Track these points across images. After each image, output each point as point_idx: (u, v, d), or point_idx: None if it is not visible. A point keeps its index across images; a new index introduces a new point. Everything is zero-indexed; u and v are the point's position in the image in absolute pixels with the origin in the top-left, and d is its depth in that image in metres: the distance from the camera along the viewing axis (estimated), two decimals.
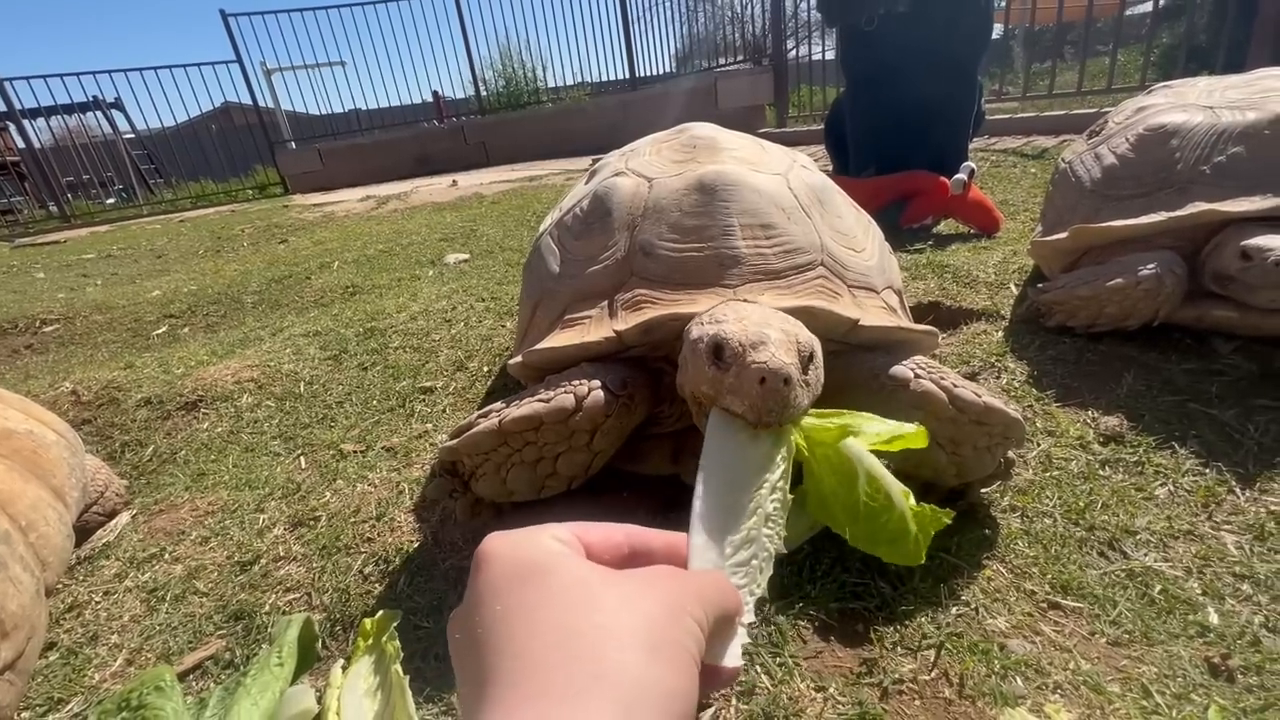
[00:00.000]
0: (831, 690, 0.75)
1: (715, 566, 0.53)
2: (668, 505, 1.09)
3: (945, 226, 2.69)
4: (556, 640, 0.31)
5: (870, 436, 0.69)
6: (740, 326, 0.74)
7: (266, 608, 1.02)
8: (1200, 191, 1.32)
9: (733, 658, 0.41)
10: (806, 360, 0.73)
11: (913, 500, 0.72)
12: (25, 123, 9.07)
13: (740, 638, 0.43)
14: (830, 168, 3.31)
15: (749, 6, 9.18)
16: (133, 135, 11.56)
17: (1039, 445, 1.19)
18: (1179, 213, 1.32)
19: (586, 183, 1.25)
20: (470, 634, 0.34)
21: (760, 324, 0.75)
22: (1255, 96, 1.39)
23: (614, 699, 0.29)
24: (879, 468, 0.72)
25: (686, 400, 0.85)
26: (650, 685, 0.31)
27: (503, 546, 0.37)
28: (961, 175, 2.43)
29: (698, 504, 0.56)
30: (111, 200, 10.72)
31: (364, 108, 10.29)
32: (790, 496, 0.61)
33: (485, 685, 0.31)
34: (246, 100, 9.23)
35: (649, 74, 9.83)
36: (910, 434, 0.70)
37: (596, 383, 0.89)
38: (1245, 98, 1.40)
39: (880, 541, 0.72)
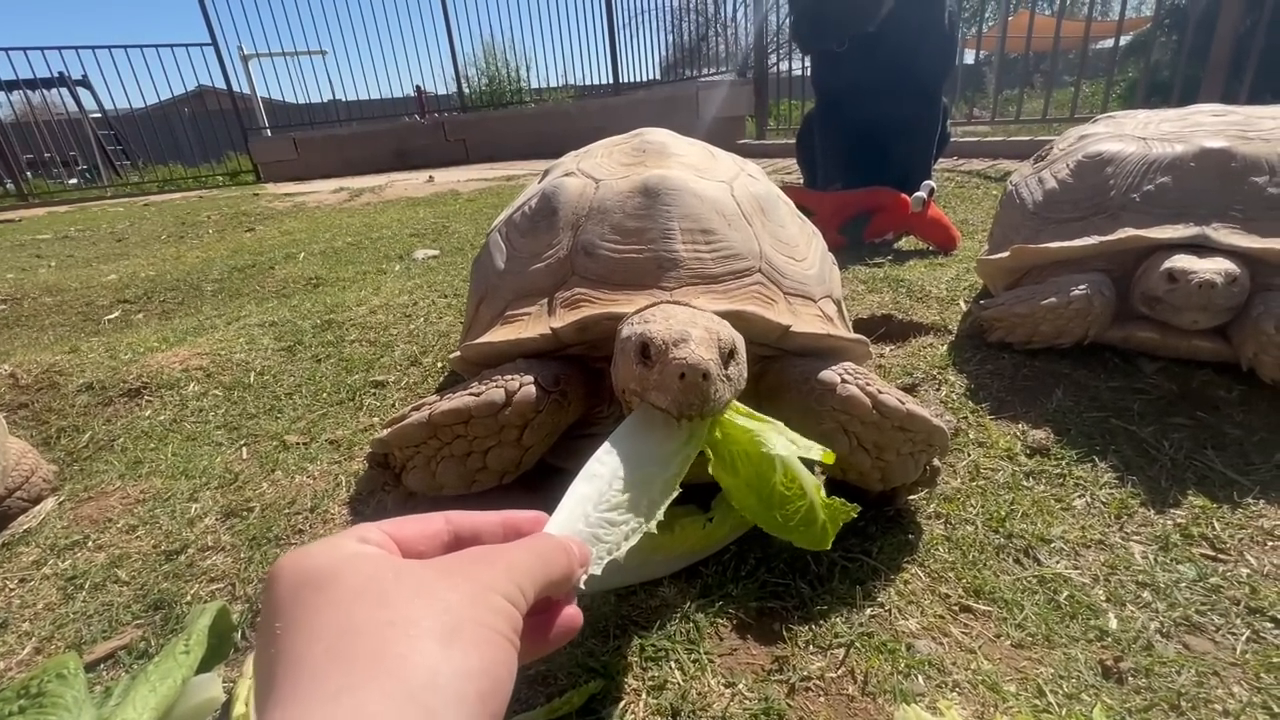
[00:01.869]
0: (741, 686, 0.76)
1: (571, 528, 0.56)
2: None
3: (906, 243, 2.75)
4: (334, 642, 0.30)
5: (780, 445, 0.72)
6: (665, 326, 0.76)
7: (188, 598, 1.00)
8: (1130, 218, 1.39)
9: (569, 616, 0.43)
10: (727, 356, 0.75)
11: (824, 493, 0.75)
12: None
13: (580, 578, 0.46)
14: (801, 180, 3.38)
15: (733, 20, 9.31)
16: (100, 115, 11.23)
17: (969, 455, 1.23)
18: (1109, 237, 1.38)
19: (539, 181, 1.26)
20: (258, 658, 0.33)
21: (685, 323, 0.77)
22: (1185, 130, 1.46)
23: (394, 689, 0.29)
24: (795, 463, 0.74)
25: (620, 399, 0.86)
26: (442, 669, 0.30)
27: (290, 561, 0.36)
28: (921, 194, 2.50)
29: (587, 465, 0.61)
30: (74, 180, 10.38)
31: (344, 99, 10.16)
32: (679, 490, 0.64)
33: (264, 702, 0.30)
34: (221, 85, 9.04)
35: (632, 80, 9.89)
36: (818, 453, 0.73)
37: (529, 378, 0.90)
38: (1176, 131, 1.47)
39: (791, 528, 0.75)
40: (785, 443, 0.73)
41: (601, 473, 0.62)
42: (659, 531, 0.87)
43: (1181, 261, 1.28)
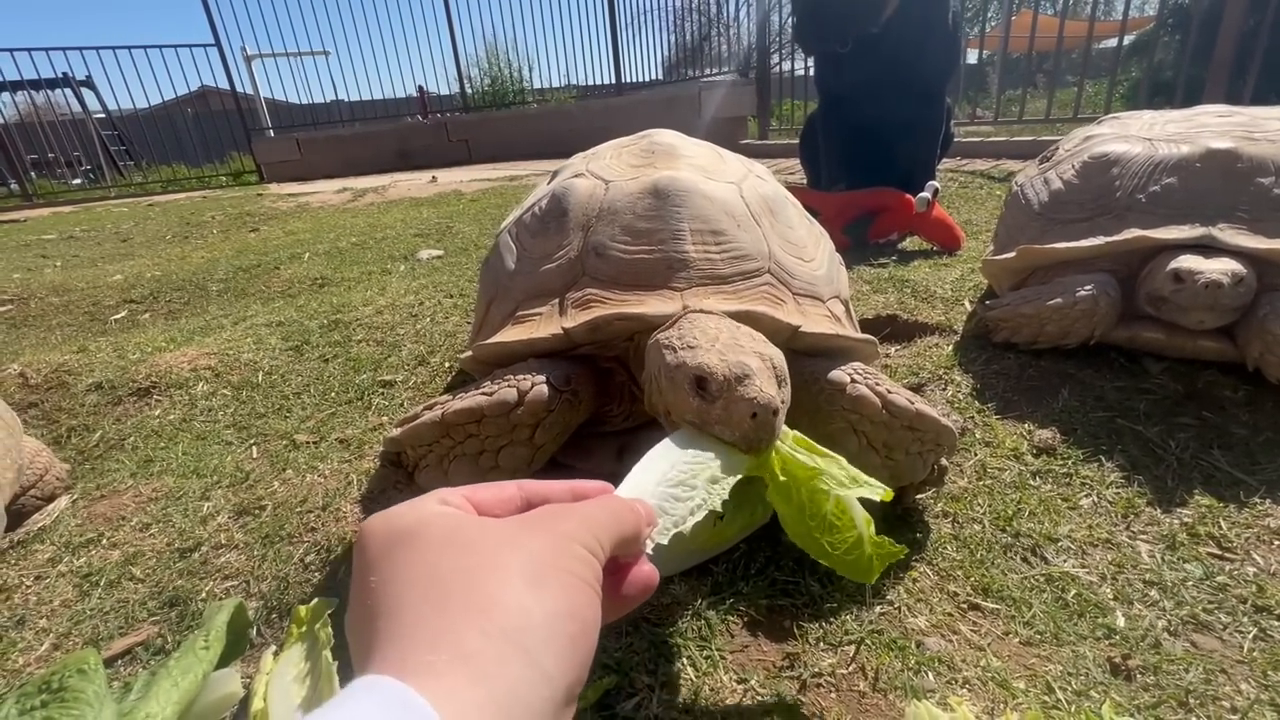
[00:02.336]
0: (753, 682, 0.77)
1: (641, 493, 0.58)
2: None
3: (910, 243, 2.76)
4: (428, 589, 0.32)
5: (836, 483, 0.73)
6: (719, 357, 0.74)
7: (203, 595, 1.01)
8: (1136, 219, 1.39)
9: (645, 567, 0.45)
10: (782, 381, 0.76)
11: (874, 529, 0.75)
12: None
13: (647, 547, 0.47)
14: (805, 181, 3.38)
15: (736, 20, 9.32)
16: (104, 115, 11.26)
17: (976, 455, 1.24)
18: (1115, 238, 1.38)
19: (548, 183, 1.27)
20: (354, 615, 0.34)
21: (734, 348, 0.76)
22: (1191, 131, 1.46)
23: (489, 628, 0.29)
24: (850, 497, 0.74)
25: (661, 420, 0.85)
26: (533, 609, 0.31)
27: (377, 521, 0.37)
28: (925, 194, 2.50)
29: (649, 453, 0.62)
30: (78, 181, 10.40)
31: (346, 99, 10.18)
32: (741, 475, 0.66)
33: (367, 655, 0.31)
34: (225, 85, 9.06)
35: (635, 80, 9.90)
36: (875, 489, 0.73)
37: (541, 378, 0.91)
38: (1182, 132, 1.47)
39: (837, 557, 0.74)
40: (843, 479, 0.72)
41: (666, 455, 0.64)
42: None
43: (1188, 262, 1.28)
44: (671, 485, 0.60)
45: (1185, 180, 1.37)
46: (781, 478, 0.72)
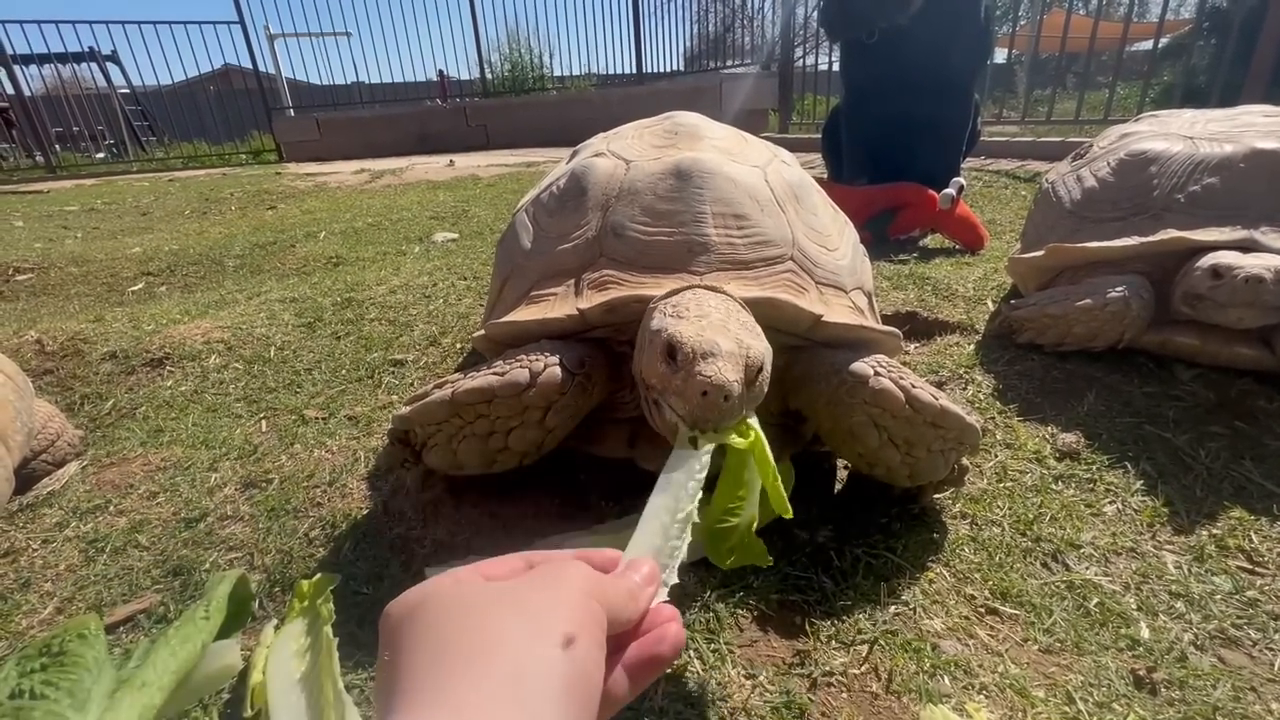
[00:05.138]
0: (761, 679, 0.75)
1: (650, 549, 0.58)
2: (621, 488, 1.08)
3: (931, 240, 2.71)
4: (433, 655, 0.33)
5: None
6: (696, 329, 0.74)
7: (207, 565, 1.00)
8: (1173, 219, 1.34)
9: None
10: (755, 374, 0.74)
11: (753, 529, 0.76)
12: (16, 69, 8.87)
13: (661, 596, 0.48)
14: (825, 174, 3.33)
15: (759, 12, 9.20)
16: (128, 90, 11.35)
17: (996, 456, 1.20)
18: (1151, 238, 1.33)
19: (568, 162, 1.24)
20: (375, 696, 0.37)
21: (718, 328, 0.75)
22: (1234, 130, 1.41)
23: (484, 684, 0.31)
24: (754, 499, 0.75)
25: (638, 384, 0.85)
26: (527, 662, 0.32)
27: (391, 604, 0.39)
28: (950, 191, 2.45)
29: (651, 504, 0.62)
30: (101, 155, 10.51)
31: (366, 81, 10.19)
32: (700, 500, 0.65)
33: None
34: (247, 64, 9.09)
35: (655, 70, 9.81)
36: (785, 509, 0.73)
37: (554, 359, 0.88)
38: (1225, 131, 1.42)
39: (712, 530, 0.75)
40: (769, 478, 0.72)
41: (666, 494, 0.64)
42: None
43: (1227, 257, 1.23)
44: (679, 523, 0.61)
45: (1228, 181, 1.31)
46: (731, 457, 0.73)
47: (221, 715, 0.75)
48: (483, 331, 1.04)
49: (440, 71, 10.94)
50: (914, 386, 0.90)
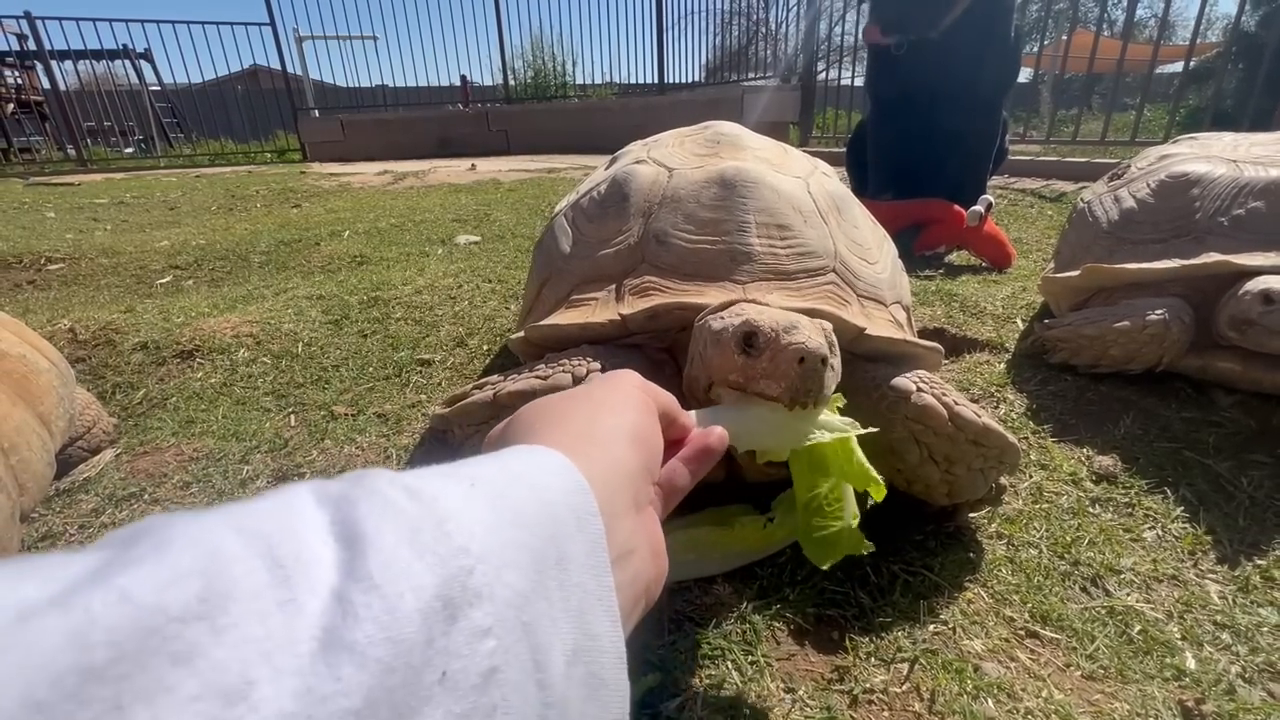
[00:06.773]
0: (801, 693, 0.74)
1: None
2: None
3: (957, 257, 2.69)
4: (537, 420, 0.44)
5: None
6: (768, 316, 0.74)
7: None
8: (1216, 242, 1.32)
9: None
10: (833, 347, 0.73)
11: (856, 523, 0.73)
12: (53, 64, 9.08)
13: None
14: (849, 188, 3.32)
15: (783, 24, 9.24)
16: (158, 88, 11.58)
17: (1031, 477, 1.18)
18: (1193, 261, 1.32)
19: (607, 168, 1.25)
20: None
21: (787, 316, 0.75)
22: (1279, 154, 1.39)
23: (562, 436, 0.40)
24: (848, 488, 0.72)
25: (694, 396, 0.84)
26: (597, 420, 0.42)
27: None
28: (979, 208, 2.43)
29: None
30: (130, 150, 10.72)
31: (390, 84, 10.32)
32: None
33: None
34: (275, 65, 9.26)
35: (677, 80, 9.87)
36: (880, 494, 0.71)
37: (596, 364, 0.88)
38: (1270, 155, 1.40)
39: (814, 538, 0.73)
40: (849, 468, 0.70)
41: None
42: (718, 525, 0.85)
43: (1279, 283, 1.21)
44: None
45: (1274, 205, 1.29)
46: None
47: None
48: (521, 334, 1.04)
49: (463, 76, 11.08)
50: (956, 404, 0.89)
